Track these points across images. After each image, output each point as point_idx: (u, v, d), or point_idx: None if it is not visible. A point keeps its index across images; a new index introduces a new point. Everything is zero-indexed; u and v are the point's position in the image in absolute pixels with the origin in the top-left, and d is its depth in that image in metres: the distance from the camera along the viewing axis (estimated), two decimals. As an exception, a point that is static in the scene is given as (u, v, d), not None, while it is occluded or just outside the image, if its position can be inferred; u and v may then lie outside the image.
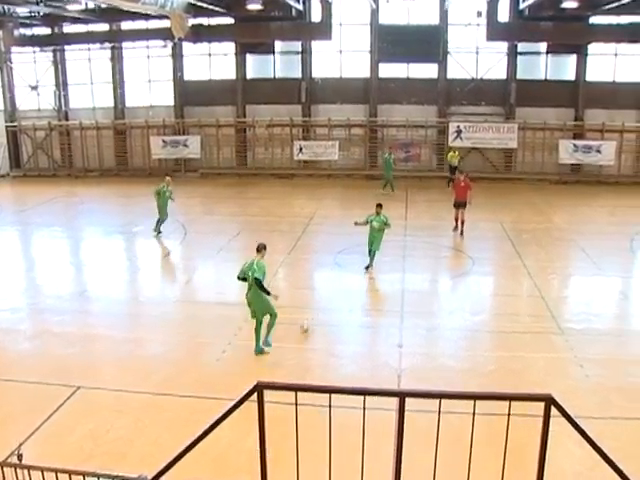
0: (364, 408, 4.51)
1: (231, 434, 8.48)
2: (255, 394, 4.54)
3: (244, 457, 8.87)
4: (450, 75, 34.08)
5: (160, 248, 21.90)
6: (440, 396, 4.57)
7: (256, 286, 12.61)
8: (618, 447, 8.99)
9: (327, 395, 4.56)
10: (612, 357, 13.10)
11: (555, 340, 13.79)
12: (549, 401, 4.61)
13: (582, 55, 33.34)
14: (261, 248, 13.12)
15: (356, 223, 18.19)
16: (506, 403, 4.67)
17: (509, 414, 4.62)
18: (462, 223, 21.82)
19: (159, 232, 22.62)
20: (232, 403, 4.54)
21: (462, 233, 21.99)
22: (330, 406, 4.54)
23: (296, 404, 4.54)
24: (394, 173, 30.60)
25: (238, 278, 13.00)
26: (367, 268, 18.31)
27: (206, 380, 11.72)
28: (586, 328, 14.50)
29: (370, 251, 18.30)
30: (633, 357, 13.19)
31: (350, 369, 12.14)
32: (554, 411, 4.51)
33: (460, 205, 21.92)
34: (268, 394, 4.55)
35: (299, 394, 4.54)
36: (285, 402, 4.68)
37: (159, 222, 22.61)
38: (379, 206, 18.46)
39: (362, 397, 4.56)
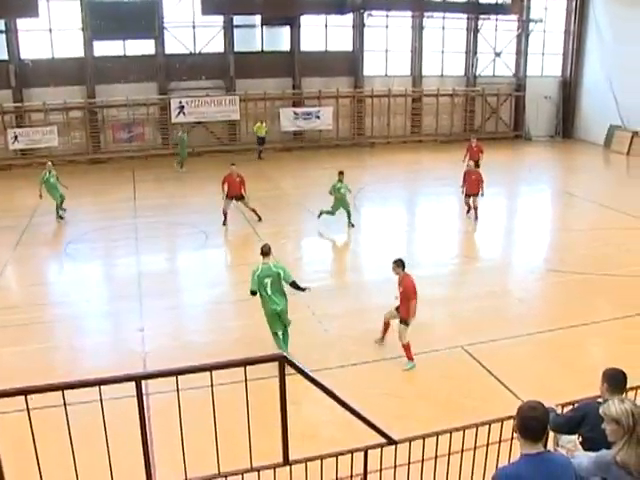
0: (101, 400, 4.41)
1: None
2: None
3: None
4: (168, 51, 33.63)
5: None
6: (176, 373, 4.60)
7: (293, 288, 11.79)
8: (358, 390, 9.71)
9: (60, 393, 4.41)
10: (348, 309, 14.05)
11: (291, 300, 14.35)
12: (282, 360, 4.85)
13: (296, 26, 34.92)
14: (268, 250, 11.90)
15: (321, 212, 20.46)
16: (250, 368, 4.84)
17: (246, 379, 4.78)
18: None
19: (61, 217, 22.11)
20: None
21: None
22: (65, 405, 4.39)
23: (28, 410, 4.32)
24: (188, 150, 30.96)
25: (252, 293, 11.58)
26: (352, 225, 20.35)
27: None
28: (322, 285, 15.27)
29: (348, 213, 20.22)
30: (366, 306, 14.18)
31: (94, 361, 11.76)
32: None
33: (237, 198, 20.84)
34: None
35: (36, 397, 4.33)
36: (21, 409, 4.43)
37: (58, 207, 21.99)
38: (341, 173, 20.26)
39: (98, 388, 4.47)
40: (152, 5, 31.99)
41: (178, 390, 4.62)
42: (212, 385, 4.69)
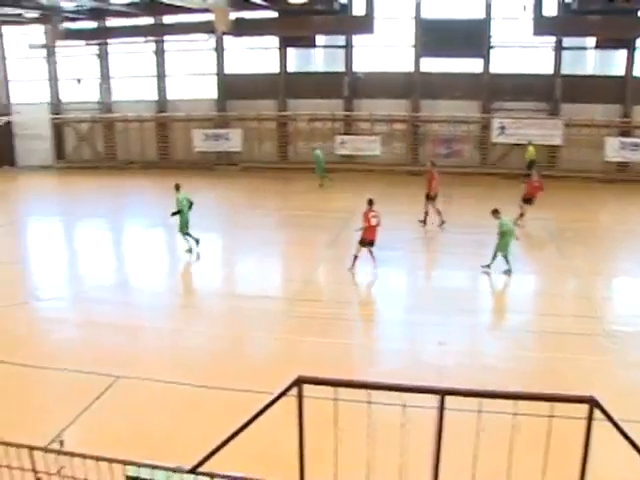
0: (403, 405, 4.46)
1: (271, 428, 8.41)
2: (295, 388, 4.52)
3: (283, 451, 8.79)
4: (494, 70, 33.53)
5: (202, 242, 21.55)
6: (481, 395, 4.50)
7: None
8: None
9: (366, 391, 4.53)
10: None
11: (601, 342, 13.46)
12: (592, 403, 4.51)
13: (631, 50, 32.42)
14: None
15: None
16: (547, 404, 4.58)
17: (552, 415, 4.52)
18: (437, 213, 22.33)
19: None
20: (272, 397, 4.51)
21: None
22: (369, 402, 4.50)
23: (335, 399, 4.49)
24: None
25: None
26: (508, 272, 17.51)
27: (248, 373, 11.63)
28: (635, 331, 14.11)
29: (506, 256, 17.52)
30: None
31: (390, 365, 12.02)
32: (598, 414, 4.40)
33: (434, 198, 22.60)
34: (308, 389, 4.51)
35: (339, 390, 4.49)
36: (325, 397, 4.62)
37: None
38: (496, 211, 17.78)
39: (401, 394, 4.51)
40: (482, 24, 32.20)
41: (479, 411, 4.51)
42: (515, 414, 4.52)
